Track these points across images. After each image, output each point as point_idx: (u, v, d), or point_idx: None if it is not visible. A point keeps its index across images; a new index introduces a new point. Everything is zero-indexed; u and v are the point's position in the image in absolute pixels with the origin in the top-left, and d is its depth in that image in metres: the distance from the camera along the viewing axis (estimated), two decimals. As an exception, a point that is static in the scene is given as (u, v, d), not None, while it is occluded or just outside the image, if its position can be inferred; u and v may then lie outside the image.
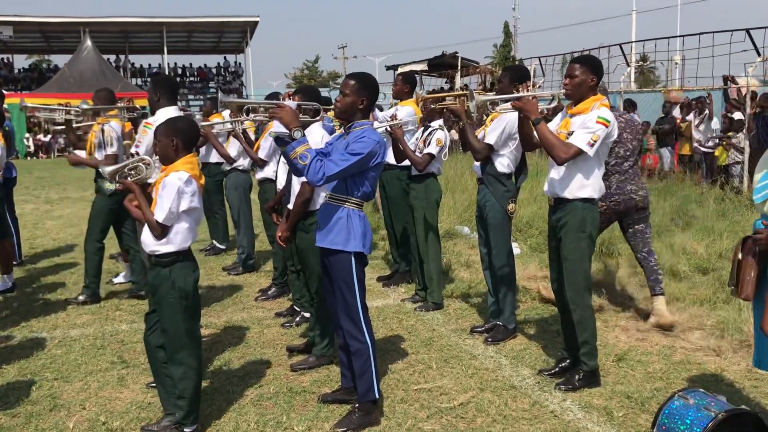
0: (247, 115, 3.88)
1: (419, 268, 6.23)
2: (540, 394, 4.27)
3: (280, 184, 5.48)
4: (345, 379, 4.17)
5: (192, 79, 43.19)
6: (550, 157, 4.19)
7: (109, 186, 6.02)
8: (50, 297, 6.78)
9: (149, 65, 44.46)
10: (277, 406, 4.16)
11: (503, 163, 5.09)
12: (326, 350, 4.82)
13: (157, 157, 3.83)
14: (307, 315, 5.54)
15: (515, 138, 4.99)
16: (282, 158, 5.48)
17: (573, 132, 4.12)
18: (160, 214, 3.59)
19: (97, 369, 4.83)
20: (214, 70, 44.91)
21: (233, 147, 7.40)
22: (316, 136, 4.65)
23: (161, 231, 3.61)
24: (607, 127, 4.07)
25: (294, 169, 3.79)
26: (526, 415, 3.99)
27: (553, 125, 4.34)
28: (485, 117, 5.10)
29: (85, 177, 18.89)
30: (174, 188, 3.59)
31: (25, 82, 40.13)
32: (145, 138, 5.45)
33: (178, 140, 3.70)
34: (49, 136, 30.34)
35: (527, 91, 4.26)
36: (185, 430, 3.75)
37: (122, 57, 43.32)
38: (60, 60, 43.66)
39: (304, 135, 3.61)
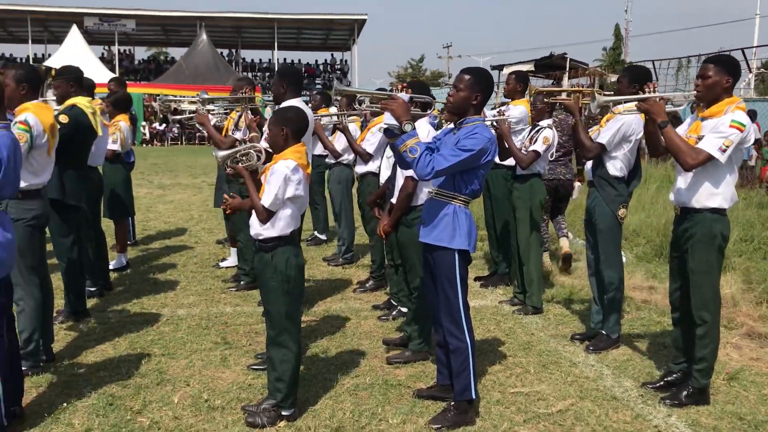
0: (360, 105, 3.89)
1: (519, 270, 6.12)
2: (643, 408, 4.10)
3: (383, 178, 5.52)
4: (441, 376, 4.15)
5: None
6: (677, 162, 3.97)
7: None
8: (160, 277, 7.10)
9: (260, 60, 45.89)
10: (373, 397, 4.19)
11: (616, 166, 4.90)
12: (422, 346, 4.81)
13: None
14: (404, 309, 5.55)
15: (630, 140, 4.80)
16: (386, 152, 5.52)
17: (703, 136, 3.90)
18: (266, 200, 3.69)
19: (201, 348, 5.01)
20: (321, 67, 45.82)
21: (339, 141, 7.51)
22: (422, 130, 4.63)
23: (266, 216, 3.71)
24: (741, 131, 3.82)
25: (402, 163, 3.79)
26: (627, 427, 3.84)
27: (682, 129, 4.13)
28: (600, 117, 4.94)
29: (196, 165, 19.75)
30: (281, 175, 3.67)
31: (144, 72, 42.26)
32: None
33: (288, 129, 3.79)
34: (164, 125, 31.80)
35: (653, 92, 4.07)
36: (283, 413, 3.83)
37: (234, 51, 44.86)
38: (176, 52, 45.74)
39: (414, 128, 3.60)
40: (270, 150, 3.94)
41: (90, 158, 5.97)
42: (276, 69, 41.07)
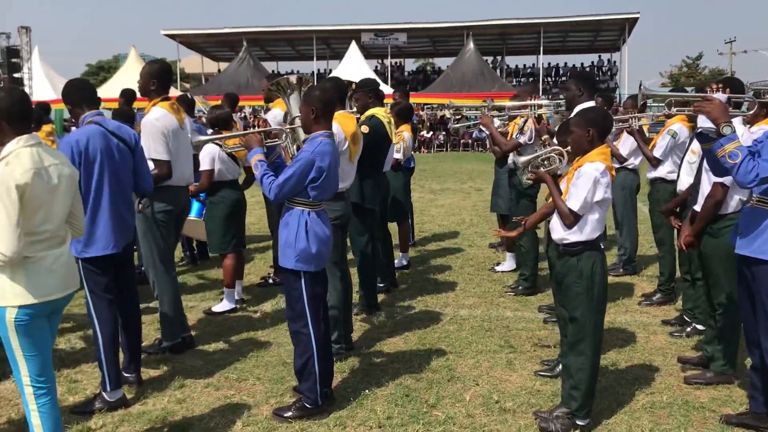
0: (669, 108, 3.68)
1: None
2: None
3: (682, 185, 5.16)
4: (755, 402, 3.76)
5: (564, 78, 43.28)
6: None
7: (525, 180, 6.27)
8: (440, 277, 7.36)
9: (524, 65, 45.71)
10: (672, 417, 3.93)
11: None
12: (726, 368, 4.41)
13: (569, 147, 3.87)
14: (701, 327, 5.15)
15: None
16: (687, 157, 5.16)
17: None
18: (574, 203, 3.61)
19: (486, 349, 5.09)
20: (587, 70, 44.41)
21: (624, 145, 7.18)
22: (737, 132, 4.23)
23: (573, 219, 3.63)
24: None
25: (718, 169, 3.52)
26: None
27: None
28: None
29: (462, 171, 20.25)
30: (591, 178, 3.58)
31: (413, 83, 44.30)
32: None
33: (594, 131, 3.68)
34: (431, 132, 33.09)
35: None
36: (578, 422, 3.75)
37: (498, 58, 45.24)
38: (441, 62, 47.30)
39: (734, 131, 3.32)
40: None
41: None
42: (539, 74, 40.74)
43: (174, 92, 25.93)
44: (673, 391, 4.31)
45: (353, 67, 31.30)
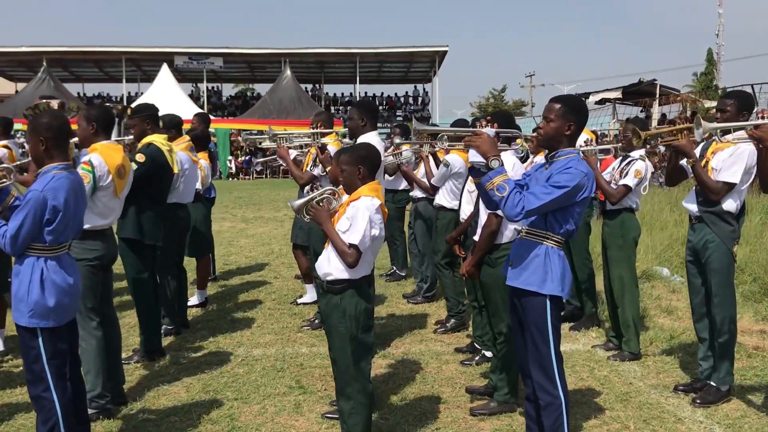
0: (443, 143, 3.63)
1: (612, 313, 5.65)
2: (765, 477, 3.59)
3: (464, 213, 5.22)
4: (530, 432, 3.77)
5: (381, 107, 44.49)
6: None
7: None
8: (238, 314, 6.97)
9: (342, 94, 46.44)
10: (455, 454, 3.86)
11: (731, 201, 4.40)
12: (509, 397, 4.44)
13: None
14: (489, 354, 5.20)
15: (751, 173, 4.32)
16: (467, 185, 5.23)
17: None
18: (355, 237, 3.44)
19: (275, 392, 4.80)
20: (402, 99, 45.98)
21: (422, 173, 7.24)
22: (508, 164, 4.32)
23: (356, 255, 3.45)
24: None
25: (489, 202, 3.50)
26: (748, 501, 3.36)
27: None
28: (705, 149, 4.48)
29: (279, 198, 19.93)
30: (367, 213, 3.44)
31: (231, 108, 43.44)
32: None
33: (365, 168, 3.56)
34: (249, 157, 32.45)
35: (764, 118, 3.65)
36: (355, 470, 3.55)
37: (317, 86, 45.65)
38: (262, 88, 46.85)
39: (502, 165, 3.31)
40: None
41: (179, 196, 6.03)
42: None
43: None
44: (458, 424, 4.26)
45: (165, 90, 30.11)
